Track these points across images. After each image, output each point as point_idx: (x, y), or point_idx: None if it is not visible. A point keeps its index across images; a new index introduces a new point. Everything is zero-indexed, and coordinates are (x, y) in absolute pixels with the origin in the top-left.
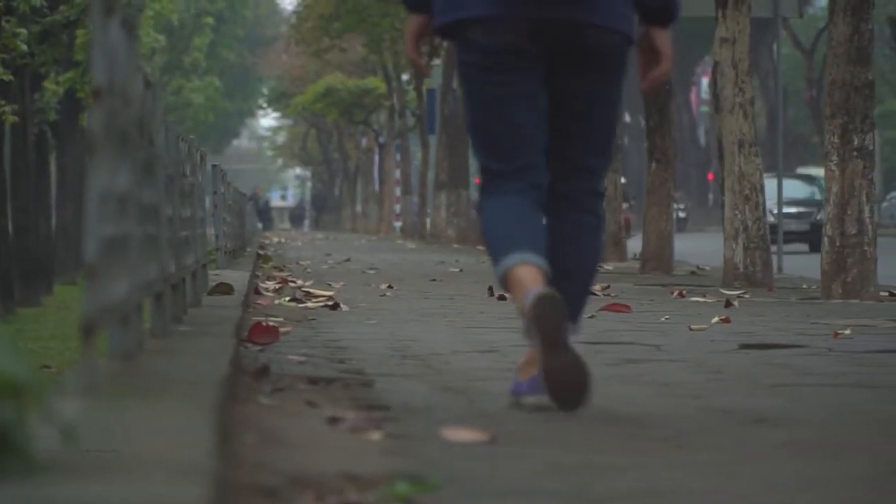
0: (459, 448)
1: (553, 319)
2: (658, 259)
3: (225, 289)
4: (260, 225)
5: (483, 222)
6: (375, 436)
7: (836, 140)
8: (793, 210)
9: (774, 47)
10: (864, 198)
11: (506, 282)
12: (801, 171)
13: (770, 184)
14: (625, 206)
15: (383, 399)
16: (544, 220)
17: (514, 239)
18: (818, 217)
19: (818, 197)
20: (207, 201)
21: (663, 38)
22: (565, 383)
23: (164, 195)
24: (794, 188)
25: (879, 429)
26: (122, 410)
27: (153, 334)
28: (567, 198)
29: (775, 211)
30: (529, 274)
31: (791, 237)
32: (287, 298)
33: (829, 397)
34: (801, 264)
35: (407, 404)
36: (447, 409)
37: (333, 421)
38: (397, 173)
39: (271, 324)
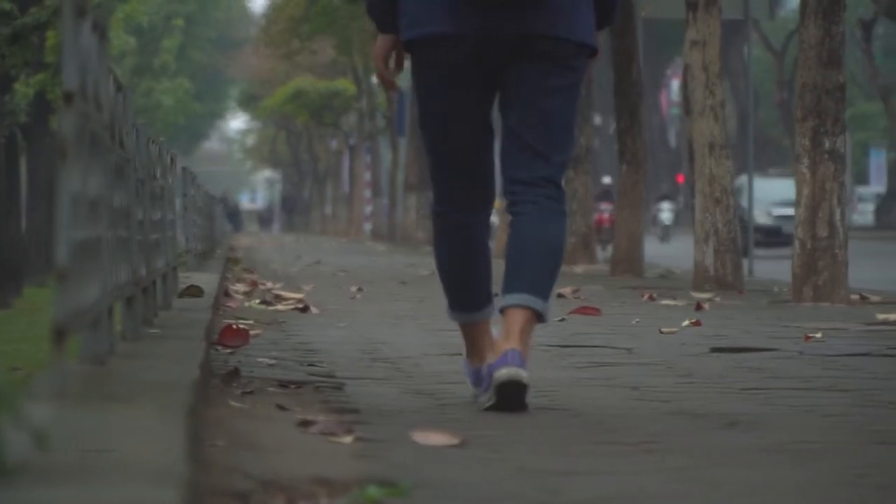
0: (430, 452)
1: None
2: (629, 262)
3: (195, 291)
4: (230, 227)
5: (435, 256)
6: (346, 439)
7: (807, 143)
8: (790, 212)
9: (745, 49)
10: (835, 201)
11: (460, 329)
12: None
13: (766, 184)
14: (610, 207)
15: (354, 402)
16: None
17: (462, 292)
18: None
19: None
20: (178, 204)
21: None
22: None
23: (134, 198)
24: (791, 189)
25: (849, 432)
26: (94, 415)
27: (124, 337)
28: (527, 184)
29: (774, 212)
30: (481, 335)
31: (790, 240)
32: (257, 301)
33: (800, 401)
34: (772, 268)
35: (377, 408)
36: (417, 412)
37: (304, 424)
38: (367, 175)
39: (241, 327)
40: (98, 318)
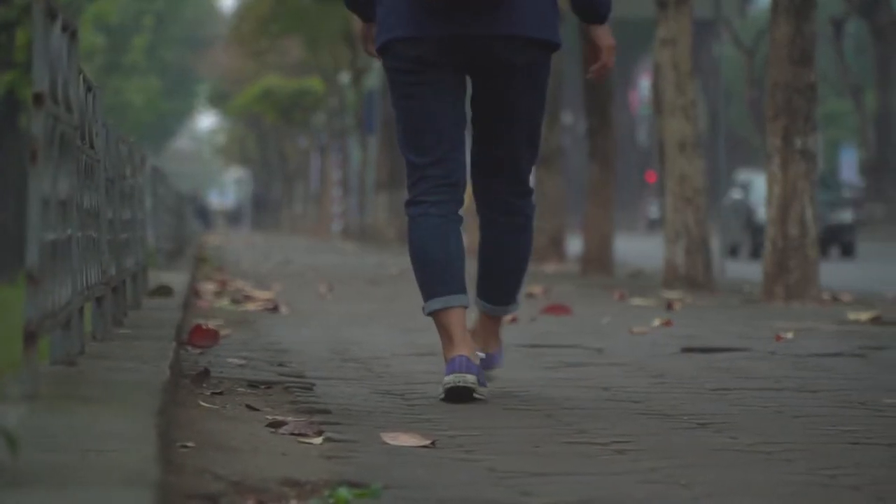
0: (400, 453)
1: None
2: (599, 261)
3: (165, 291)
4: (200, 226)
5: (410, 244)
6: (316, 440)
7: (778, 142)
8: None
9: (715, 48)
10: (806, 200)
11: (434, 320)
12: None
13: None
14: None
15: (324, 403)
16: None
17: (438, 280)
18: (841, 217)
19: (847, 195)
20: (147, 203)
21: (600, 33)
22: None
23: (104, 198)
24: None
25: (821, 433)
26: (65, 417)
27: (94, 337)
28: (496, 198)
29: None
30: (454, 322)
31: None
32: (227, 301)
33: (771, 401)
34: (742, 267)
35: (347, 408)
36: (387, 412)
37: (274, 425)
38: (337, 174)
39: (211, 327)
40: (69, 319)
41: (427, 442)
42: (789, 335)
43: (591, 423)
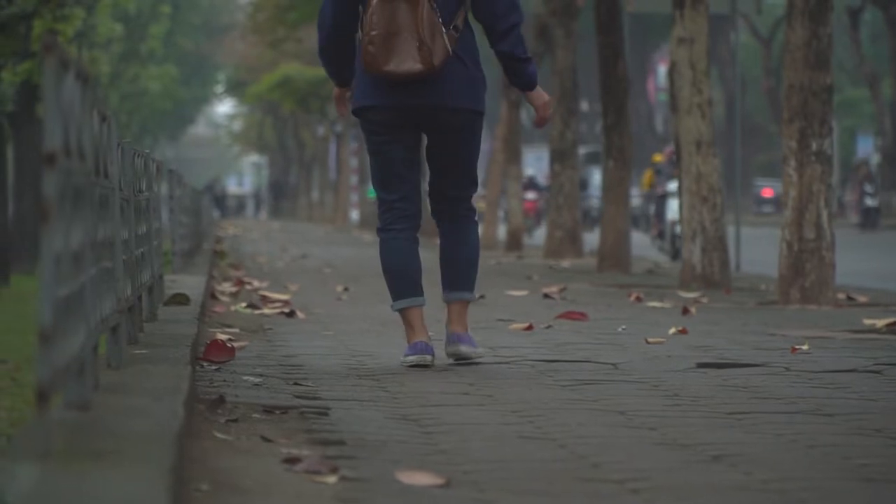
0: (413, 492)
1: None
2: (615, 257)
3: (181, 299)
4: (217, 213)
5: (381, 260)
6: (331, 479)
7: (794, 144)
8: None
9: (733, 37)
10: (822, 203)
11: (400, 315)
12: None
13: None
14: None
15: (339, 431)
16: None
17: (403, 286)
18: None
19: None
20: (164, 206)
21: (532, 97)
22: None
23: (119, 223)
24: None
25: (835, 467)
26: (75, 478)
27: (109, 365)
28: (448, 215)
29: None
30: (415, 317)
31: None
32: (243, 305)
33: (786, 428)
34: (759, 262)
35: (362, 438)
36: (403, 442)
37: (289, 461)
38: (354, 162)
39: (226, 339)
40: (83, 366)
41: (441, 481)
42: (804, 347)
43: (606, 454)
